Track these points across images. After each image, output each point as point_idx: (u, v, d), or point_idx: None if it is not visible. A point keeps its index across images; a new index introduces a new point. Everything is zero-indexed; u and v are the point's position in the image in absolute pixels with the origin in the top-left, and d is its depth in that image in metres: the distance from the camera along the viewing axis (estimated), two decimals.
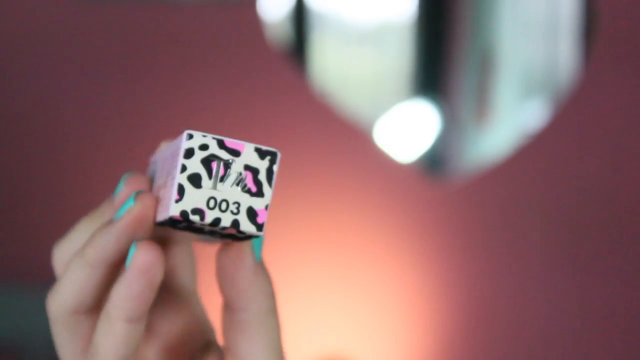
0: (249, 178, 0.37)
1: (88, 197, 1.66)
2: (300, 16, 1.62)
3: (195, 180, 0.36)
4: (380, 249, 1.64)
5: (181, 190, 0.36)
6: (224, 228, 0.36)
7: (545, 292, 1.63)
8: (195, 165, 0.36)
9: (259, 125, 1.64)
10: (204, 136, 0.36)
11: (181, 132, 1.65)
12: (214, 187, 0.36)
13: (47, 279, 1.67)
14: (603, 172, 1.62)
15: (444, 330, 1.64)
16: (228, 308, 0.41)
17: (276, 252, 1.65)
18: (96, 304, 0.41)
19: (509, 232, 1.64)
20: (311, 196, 1.65)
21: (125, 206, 0.38)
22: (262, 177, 0.37)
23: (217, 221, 0.36)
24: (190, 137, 0.36)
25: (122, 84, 1.65)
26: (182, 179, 0.36)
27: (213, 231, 0.38)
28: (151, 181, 0.41)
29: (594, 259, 1.63)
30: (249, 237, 0.38)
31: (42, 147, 1.67)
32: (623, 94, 1.61)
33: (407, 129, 1.63)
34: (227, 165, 0.36)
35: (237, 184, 0.37)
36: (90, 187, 1.66)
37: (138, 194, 0.38)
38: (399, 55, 1.63)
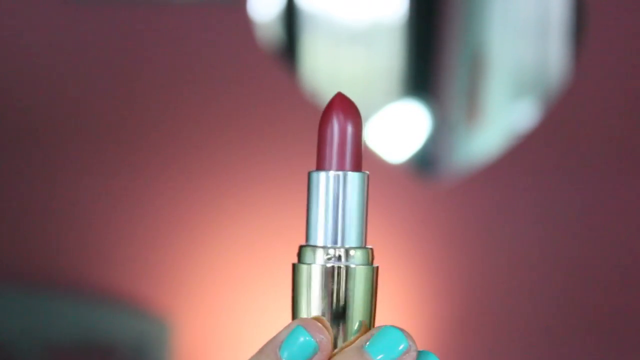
0: None
1: (78, 199, 1.65)
2: (290, 16, 1.61)
3: None
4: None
5: None
6: None
7: (537, 292, 1.64)
8: None
9: (248, 126, 1.64)
10: None
11: (168, 132, 1.65)
12: None
13: (39, 279, 1.65)
14: (594, 172, 1.63)
15: (434, 330, 1.64)
16: None
17: (267, 254, 1.64)
18: None
19: (499, 232, 1.65)
20: (301, 197, 1.64)
21: None
22: None
23: None
24: None
25: (110, 85, 1.64)
26: None
27: None
28: None
29: (587, 257, 1.64)
30: None
31: (37, 148, 1.65)
32: (613, 94, 1.62)
33: (398, 130, 1.63)
34: None
35: None
36: (85, 188, 1.65)
37: None
38: (389, 55, 1.63)
